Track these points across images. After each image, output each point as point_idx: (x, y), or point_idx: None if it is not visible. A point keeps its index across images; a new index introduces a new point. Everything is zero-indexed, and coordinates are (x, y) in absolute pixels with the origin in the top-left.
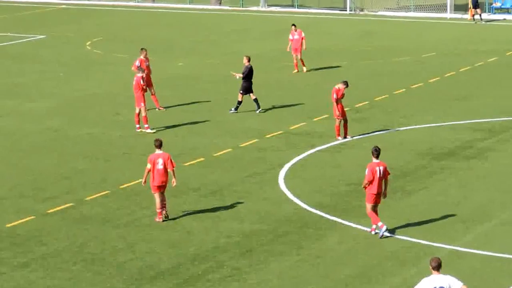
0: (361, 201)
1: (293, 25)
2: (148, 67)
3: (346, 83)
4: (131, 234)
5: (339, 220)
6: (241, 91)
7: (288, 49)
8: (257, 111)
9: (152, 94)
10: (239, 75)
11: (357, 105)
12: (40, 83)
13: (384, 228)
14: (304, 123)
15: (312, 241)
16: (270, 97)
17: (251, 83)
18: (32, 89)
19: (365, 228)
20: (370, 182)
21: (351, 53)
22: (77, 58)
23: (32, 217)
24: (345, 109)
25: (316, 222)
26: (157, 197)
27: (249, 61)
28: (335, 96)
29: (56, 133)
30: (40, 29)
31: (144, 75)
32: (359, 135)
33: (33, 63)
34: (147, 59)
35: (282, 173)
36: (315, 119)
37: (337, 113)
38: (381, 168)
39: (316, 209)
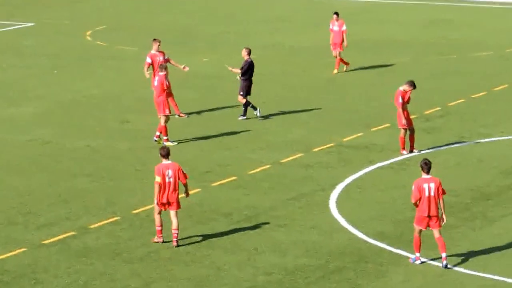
0: (431, 230)
1: (336, 13)
2: (167, 60)
3: (413, 84)
4: (147, 271)
5: (404, 253)
6: (241, 93)
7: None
8: (240, 118)
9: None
10: (236, 71)
11: (426, 112)
12: (25, 82)
13: (419, 262)
14: (360, 133)
15: (371, 279)
16: (316, 102)
17: (251, 82)
18: (15, 90)
19: (436, 263)
20: (418, 202)
21: (417, 47)
22: (73, 51)
23: (24, 249)
24: (412, 116)
25: (376, 255)
26: (157, 213)
27: (249, 54)
28: (400, 100)
29: (47, 146)
30: (27, 14)
31: (167, 74)
32: (429, 148)
33: (16, 57)
34: (161, 53)
35: (333, 196)
36: (373, 129)
37: (403, 121)
38: (432, 185)
39: (376, 240)
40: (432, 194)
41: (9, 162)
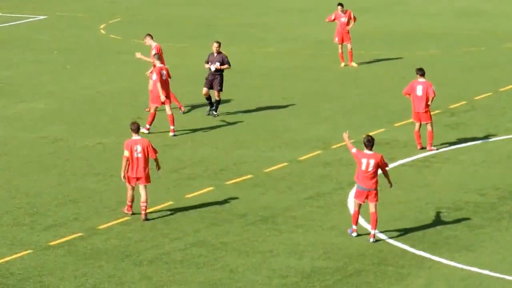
0: (456, 231)
1: (340, 4)
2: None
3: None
4: (158, 274)
5: (427, 255)
6: (219, 88)
7: (336, 40)
8: (209, 113)
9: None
10: (224, 67)
11: (451, 106)
12: (36, 78)
13: (354, 234)
14: (383, 129)
15: (392, 283)
16: (339, 97)
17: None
18: (26, 86)
19: (461, 266)
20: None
21: (447, 39)
22: (87, 45)
23: (30, 251)
24: (436, 111)
25: (397, 258)
26: (129, 189)
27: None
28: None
29: (57, 144)
30: (40, 7)
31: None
32: (454, 144)
33: (27, 51)
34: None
35: (353, 195)
36: (396, 125)
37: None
38: (372, 161)
39: (398, 241)
40: (370, 169)
41: (17, 160)
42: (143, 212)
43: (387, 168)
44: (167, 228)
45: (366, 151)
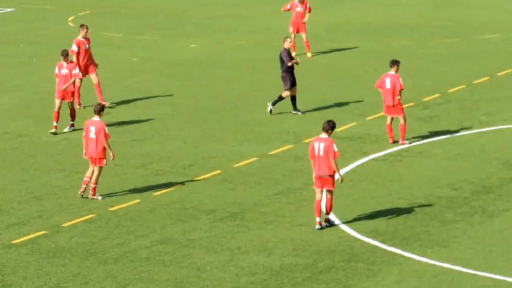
0: (428, 226)
1: None
2: (88, 50)
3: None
4: (123, 272)
5: (399, 251)
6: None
7: (290, 29)
8: (297, 111)
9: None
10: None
11: (425, 99)
12: (2, 72)
13: (318, 227)
14: (355, 123)
15: (363, 279)
16: (311, 89)
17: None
18: None
19: (433, 262)
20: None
21: (422, 30)
22: (54, 38)
23: None
24: (409, 104)
25: (368, 254)
26: (90, 168)
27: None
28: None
29: (21, 139)
30: (8, 0)
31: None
32: (427, 138)
33: None
34: (87, 39)
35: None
36: (368, 118)
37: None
38: (322, 145)
39: (369, 237)
40: (321, 154)
41: None
42: (91, 191)
43: (335, 158)
44: (133, 225)
45: (321, 135)
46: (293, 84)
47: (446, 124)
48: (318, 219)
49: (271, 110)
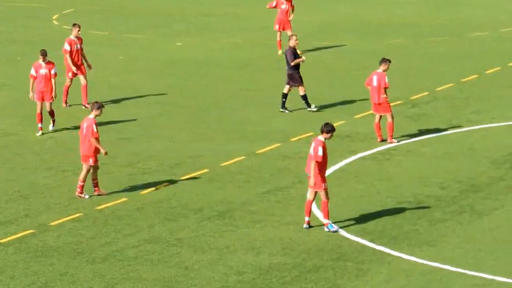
0: (417, 225)
1: None
2: (81, 50)
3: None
4: (111, 271)
5: (387, 250)
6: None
7: (276, 27)
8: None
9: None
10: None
11: (413, 97)
12: None
13: (306, 226)
14: (343, 121)
15: (351, 279)
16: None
17: None
18: None
19: (421, 261)
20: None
21: (411, 29)
22: (39, 37)
23: None
24: (397, 102)
25: (357, 253)
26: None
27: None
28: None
29: (8, 138)
30: None
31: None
32: (415, 136)
33: None
34: (79, 39)
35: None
36: (357, 116)
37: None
38: (312, 144)
39: (357, 236)
40: (311, 153)
41: None
42: (77, 189)
43: (315, 160)
44: (121, 224)
45: (319, 136)
46: (299, 81)
47: (435, 122)
48: (307, 219)
49: (314, 107)
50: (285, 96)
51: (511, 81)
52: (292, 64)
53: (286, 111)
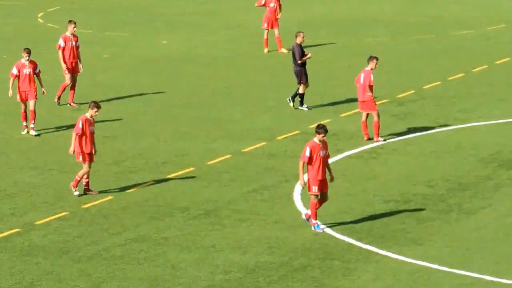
0: (404, 224)
1: None
2: (77, 48)
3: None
4: (97, 270)
5: (375, 249)
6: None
7: (264, 25)
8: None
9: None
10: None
11: (399, 96)
12: None
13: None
14: (329, 119)
15: (338, 277)
16: (284, 86)
17: None
18: None
19: (409, 259)
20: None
21: (397, 26)
22: (24, 34)
23: None
24: (383, 100)
25: (344, 252)
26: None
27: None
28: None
29: None
30: None
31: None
32: (402, 135)
33: None
34: (75, 36)
35: (298, 188)
36: (342, 115)
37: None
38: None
39: (344, 235)
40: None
41: None
42: (74, 182)
43: (301, 160)
44: (107, 223)
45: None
46: (305, 80)
47: (421, 121)
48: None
49: (306, 107)
50: (301, 96)
51: (498, 80)
52: (300, 61)
53: (305, 108)
